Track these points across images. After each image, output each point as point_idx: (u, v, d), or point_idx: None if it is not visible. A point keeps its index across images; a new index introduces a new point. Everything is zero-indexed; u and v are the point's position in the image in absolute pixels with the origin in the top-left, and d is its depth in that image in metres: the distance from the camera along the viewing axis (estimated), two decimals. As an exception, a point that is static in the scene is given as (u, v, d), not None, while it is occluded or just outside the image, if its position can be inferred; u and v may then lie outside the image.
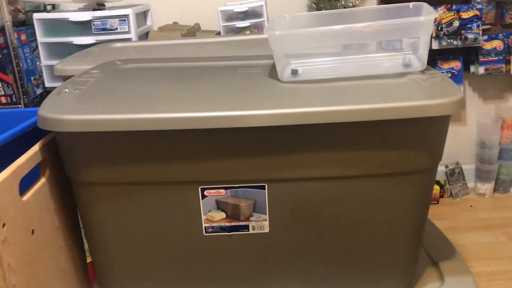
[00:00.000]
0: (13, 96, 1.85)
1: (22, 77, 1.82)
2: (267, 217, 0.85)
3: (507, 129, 2.23)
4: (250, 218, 0.85)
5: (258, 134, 0.79)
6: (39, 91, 1.93)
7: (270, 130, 0.78)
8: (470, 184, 2.33)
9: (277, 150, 0.81)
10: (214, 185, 0.83)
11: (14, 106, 1.85)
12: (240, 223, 0.86)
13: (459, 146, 2.29)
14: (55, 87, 0.91)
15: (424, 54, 0.91)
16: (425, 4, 0.93)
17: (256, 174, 0.82)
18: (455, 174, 2.29)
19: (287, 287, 0.92)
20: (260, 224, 0.86)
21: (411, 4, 0.97)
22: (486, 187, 2.26)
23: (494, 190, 2.29)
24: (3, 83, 1.84)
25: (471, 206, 2.20)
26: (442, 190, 2.27)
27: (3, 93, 1.85)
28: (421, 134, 0.81)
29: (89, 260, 1.04)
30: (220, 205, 0.85)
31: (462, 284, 0.94)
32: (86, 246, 1.01)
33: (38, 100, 1.90)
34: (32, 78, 1.90)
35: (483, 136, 2.23)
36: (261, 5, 1.89)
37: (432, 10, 0.90)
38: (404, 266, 0.92)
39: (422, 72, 0.90)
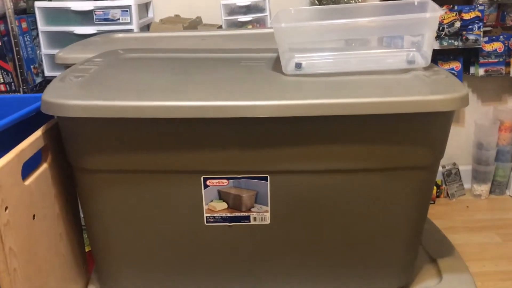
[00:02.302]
0: (13, 84, 1.84)
1: (22, 65, 1.81)
2: (268, 208, 0.85)
3: (505, 131, 2.24)
4: (252, 209, 0.85)
5: (261, 125, 0.79)
6: (38, 79, 1.92)
7: (273, 122, 0.78)
8: (467, 185, 2.34)
9: (280, 142, 0.81)
10: (216, 175, 0.83)
11: (13, 94, 1.84)
12: (242, 214, 0.86)
13: (456, 147, 2.30)
14: (54, 76, 0.91)
15: (428, 51, 0.92)
16: (430, 1, 0.93)
17: (259, 165, 0.82)
18: (452, 174, 2.30)
19: (286, 279, 0.92)
20: (262, 215, 0.86)
21: (416, 0, 0.97)
22: (482, 188, 2.28)
23: (490, 192, 2.30)
24: (2, 71, 1.83)
25: (467, 207, 2.22)
26: (438, 190, 2.28)
27: (2, 81, 1.84)
28: (425, 130, 0.81)
29: (87, 249, 1.04)
30: (222, 195, 0.85)
31: (460, 281, 0.94)
32: (85, 234, 1.01)
33: (37, 89, 1.89)
34: (32, 66, 1.90)
35: (480, 137, 2.24)
36: (264, 0, 1.89)
37: (437, 7, 0.90)
38: (403, 262, 0.92)
39: (426, 69, 0.91)
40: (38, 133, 0.81)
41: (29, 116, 0.88)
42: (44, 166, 0.83)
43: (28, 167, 0.79)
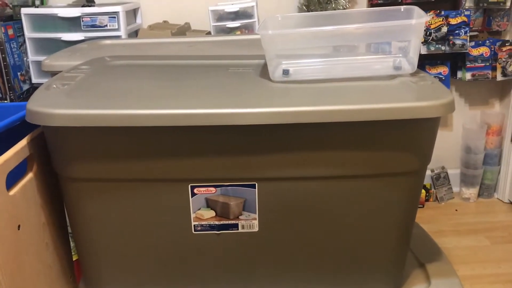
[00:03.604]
0: (-1, 91, 1.82)
1: (8, 73, 1.79)
2: (256, 216, 0.85)
3: (492, 134, 2.26)
4: (240, 217, 0.85)
5: (249, 132, 0.79)
6: (25, 87, 1.91)
7: (261, 129, 0.78)
8: (455, 189, 2.35)
9: (268, 149, 0.81)
10: (204, 183, 0.83)
11: (-1, 101, 1.82)
12: (230, 222, 0.85)
13: (444, 150, 2.32)
14: (42, 83, 0.90)
15: (414, 57, 0.92)
16: (416, 8, 0.94)
17: (246, 173, 0.82)
18: (441, 178, 2.31)
19: (275, 286, 0.92)
20: (250, 223, 0.86)
21: (402, 7, 0.98)
22: (471, 192, 2.29)
23: (479, 195, 2.32)
24: (-12, 78, 1.81)
25: (456, 210, 2.23)
26: (427, 194, 2.29)
27: (-12, 88, 1.82)
28: (411, 136, 0.81)
29: (75, 258, 1.03)
30: (209, 203, 0.84)
31: (448, 286, 0.94)
32: (72, 243, 1.00)
33: (24, 96, 1.88)
34: (18, 73, 1.88)
35: (468, 141, 2.25)
36: (252, 6, 1.90)
37: (423, 14, 0.91)
38: (391, 267, 0.92)
39: (412, 75, 0.91)
40: (23, 142, 0.80)
41: (14, 125, 0.87)
42: (30, 176, 0.82)
43: (13, 177, 0.78)
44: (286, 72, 0.92)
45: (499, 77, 2.12)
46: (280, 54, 0.96)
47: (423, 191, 2.26)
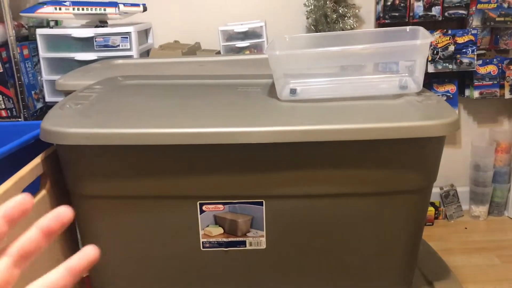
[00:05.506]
0: (14, 109, 1.86)
1: (23, 91, 1.83)
2: (264, 233, 0.86)
3: (501, 152, 2.26)
4: (248, 234, 0.86)
5: (256, 150, 0.81)
6: (39, 105, 1.95)
7: (268, 147, 0.80)
8: (465, 207, 2.34)
9: (275, 167, 0.82)
10: (212, 200, 0.84)
11: (14, 119, 1.86)
12: (237, 239, 0.87)
13: (453, 168, 2.31)
14: (55, 102, 0.93)
15: (420, 76, 0.94)
16: (421, 28, 0.96)
17: (254, 190, 0.84)
18: (450, 196, 2.30)
19: (282, 304, 0.92)
20: (257, 240, 0.87)
21: (408, 28, 1.00)
22: (481, 210, 2.28)
23: (489, 213, 2.30)
24: (4, 97, 1.85)
25: (466, 228, 2.21)
26: (436, 212, 2.28)
27: (3, 107, 1.86)
28: (417, 154, 0.82)
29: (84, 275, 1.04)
30: (218, 221, 0.86)
31: (456, 304, 0.94)
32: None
33: (38, 114, 1.91)
34: (32, 92, 1.92)
35: (477, 159, 2.25)
36: (261, 26, 1.93)
37: (428, 34, 0.93)
38: (398, 285, 0.93)
39: (418, 94, 0.92)
40: (37, 160, 0.83)
41: (28, 143, 0.89)
42: (43, 193, 0.84)
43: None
44: (293, 91, 0.94)
45: (507, 95, 2.13)
46: (287, 73, 0.98)
47: (432, 208, 2.25)
